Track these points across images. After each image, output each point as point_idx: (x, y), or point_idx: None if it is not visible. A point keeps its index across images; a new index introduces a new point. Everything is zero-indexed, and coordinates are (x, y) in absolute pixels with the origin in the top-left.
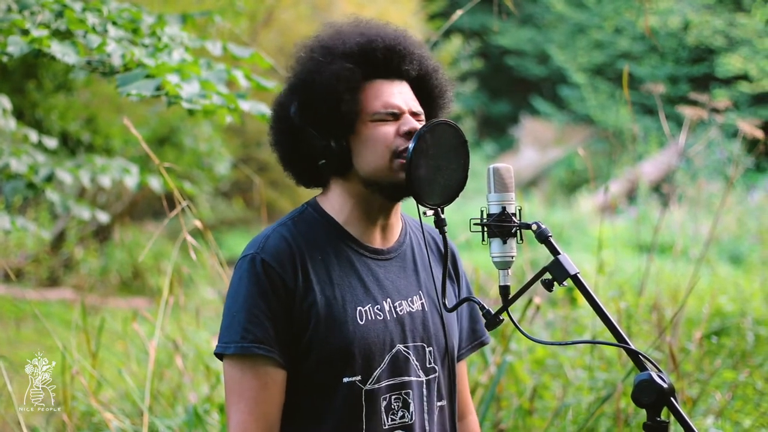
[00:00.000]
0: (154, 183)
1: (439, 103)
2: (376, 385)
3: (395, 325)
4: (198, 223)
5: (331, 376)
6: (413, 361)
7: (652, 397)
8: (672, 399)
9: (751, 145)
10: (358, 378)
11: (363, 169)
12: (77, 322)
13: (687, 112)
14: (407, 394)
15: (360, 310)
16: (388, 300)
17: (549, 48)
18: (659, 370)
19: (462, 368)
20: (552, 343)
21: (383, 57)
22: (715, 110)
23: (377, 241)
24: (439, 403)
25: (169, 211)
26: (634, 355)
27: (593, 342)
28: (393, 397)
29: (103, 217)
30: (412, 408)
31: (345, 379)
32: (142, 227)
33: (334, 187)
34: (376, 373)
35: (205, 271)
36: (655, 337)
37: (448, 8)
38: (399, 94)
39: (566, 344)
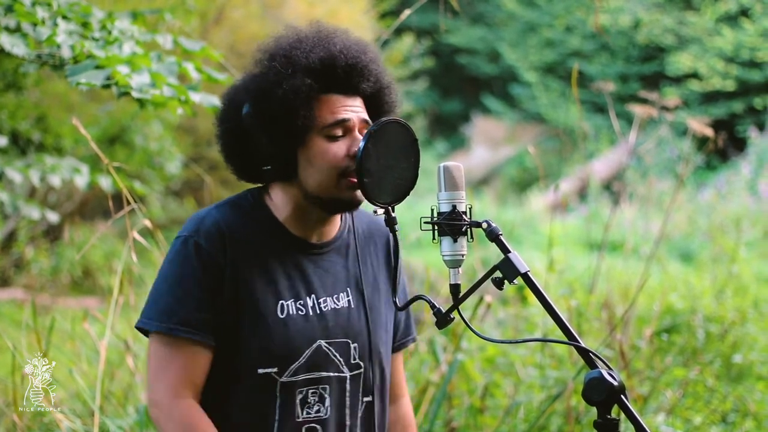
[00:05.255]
0: (104, 182)
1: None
2: (293, 378)
3: (317, 321)
4: (147, 223)
5: (247, 365)
6: (335, 357)
7: (603, 394)
8: (622, 397)
9: (701, 143)
10: (275, 369)
11: (307, 182)
12: (28, 322)
13: (637, 110)
14: (324, 389)
15: (282, 303)
16: (312, 296)
17: (500, 46)
18: (609, 368)
19: (397, 359)
20: (503, 342)
21: (343, 74)
22: (666, 108)
23: (313, 238)
24: (365, 399)
25: (119, 211)
26: (584, 353)
27: (544, 340)
28: (310, 391)
29: (53, 217)
30: (328, 403)
31: (260, 370)
32: (93, 226)
33: (276, 188)
34: (294, 366)
35: (155, 271)
36: (606, 335)
37: (398, 6)
38: (351, 107)
39: (517, 342)
